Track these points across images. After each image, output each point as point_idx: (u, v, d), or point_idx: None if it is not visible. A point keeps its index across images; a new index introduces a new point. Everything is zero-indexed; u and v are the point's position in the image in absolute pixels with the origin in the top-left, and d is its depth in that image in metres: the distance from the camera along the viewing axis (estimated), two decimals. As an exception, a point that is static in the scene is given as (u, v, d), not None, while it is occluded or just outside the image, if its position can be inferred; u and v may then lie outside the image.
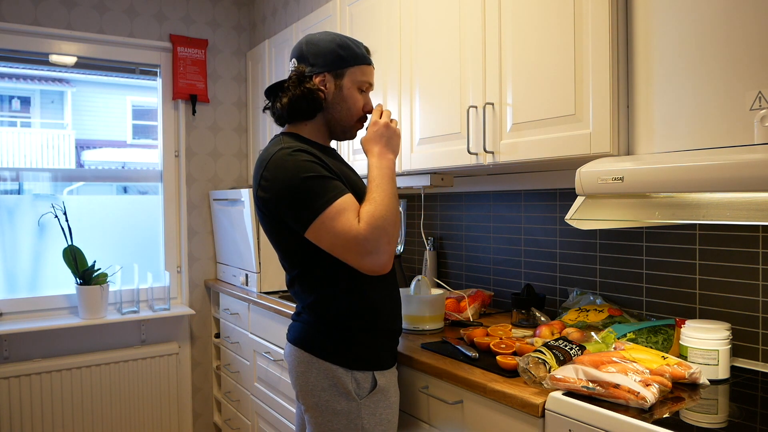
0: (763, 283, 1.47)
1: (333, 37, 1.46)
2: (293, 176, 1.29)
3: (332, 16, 2.44)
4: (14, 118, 4.33)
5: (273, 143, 1.42)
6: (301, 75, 1.43)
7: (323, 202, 1.27)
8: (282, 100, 1.45)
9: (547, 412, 1.22)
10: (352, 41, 1.47)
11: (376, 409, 1.40)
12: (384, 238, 1.27)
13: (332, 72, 1.44)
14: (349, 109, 1.47)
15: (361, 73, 1.46)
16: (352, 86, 1.45)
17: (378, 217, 1.27)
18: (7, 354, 2.83)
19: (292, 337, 1.48)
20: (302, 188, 1.29)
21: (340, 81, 1.44)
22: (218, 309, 3.29)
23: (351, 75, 1.45)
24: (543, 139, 1.53)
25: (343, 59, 1.44)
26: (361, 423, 1.38)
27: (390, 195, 1.33)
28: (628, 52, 1.39)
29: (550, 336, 1.61)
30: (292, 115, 1.46)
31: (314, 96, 1.43)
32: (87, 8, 3.04)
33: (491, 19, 1.68)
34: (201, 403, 3.39)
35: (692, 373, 1.27)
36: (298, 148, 1.34)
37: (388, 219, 1.28)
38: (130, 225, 3.27)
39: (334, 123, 1.48)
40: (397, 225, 1.32)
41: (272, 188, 1.33)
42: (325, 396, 1.39)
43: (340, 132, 1.50)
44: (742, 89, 1.16)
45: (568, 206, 1.95)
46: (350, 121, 1.48)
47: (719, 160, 1.10)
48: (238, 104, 3.50)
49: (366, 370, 1.40)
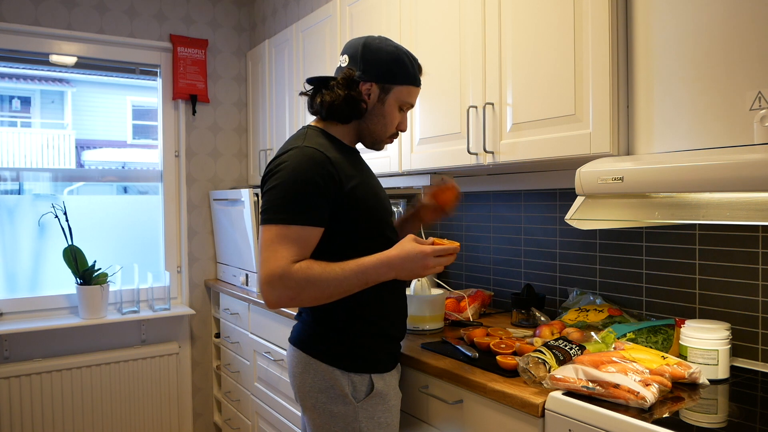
0: (763, 283, 1.47)
1: (392, 49, 1.42)
2: (292, 175, 1.28)
3: (332, 16, 2.44)
4: (14, 118, 4.33)
5: (298, 136, 1.41)
6: (350, 79, 1.40)
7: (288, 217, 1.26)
8: (324, 97, 1.42)
9: (547, 412, 1.23)
10: (408, 58, 1.44)
11: (374, 413, 1.38)
12: (291, 302, 1.27)
13: (379, 84, 1.42)
14: (385, 125, 1.46)
15: (407, 93, 1.45)
16: (394, 103, 1.44)
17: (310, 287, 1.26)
18: (7, 354, 2.83)
19: (292, 338, 1.48)
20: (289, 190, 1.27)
21: (385, 95, 1.42)
22: (218, 309, 3.29)
23: (397, 92, 1.43)
24: (543, 139, 1.53)
25: (394, 75, 1.41)
26: (359, 426, 1.36)
27: (342, 292, 1.30)
28: (628, 52, 1.39)
29: (550, 336, 1.61)
30: (330, 115, 1.43)
31: (357, 104, 1.41)
32: (87, 8, 3.04)
33: (491, 19, 1.68)
34: (201, 403, 3.39)
35: (692, 373, 1.27)
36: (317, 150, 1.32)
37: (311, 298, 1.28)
38: (130, 225, 3.27)
39: (367, 133, 1.47)
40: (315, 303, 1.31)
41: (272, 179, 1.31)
42: (322, 398, 1.37)
43: (369, 142, 1.49)
44: (742, 89, 1.16)
45: (568, 206, 1.95)
46: (383, 135, 1.48)
47: (719, 160, 1.10)
48: (238, 104, 3.50)
49: (363, 373, 1.39)
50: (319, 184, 1.29)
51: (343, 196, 1.33)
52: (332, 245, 1.34)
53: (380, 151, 2.16)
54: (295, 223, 1.26)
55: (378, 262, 1.30)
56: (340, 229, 1.35)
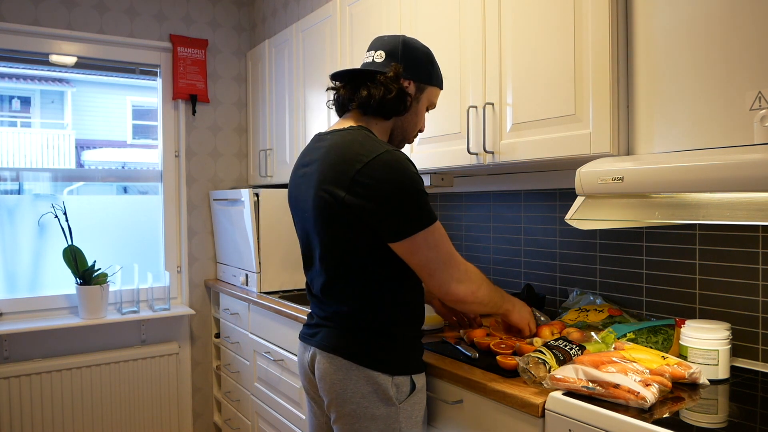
0: (763, 283, 1.47)
1: (426, 50, 1.48)
2: (410, 185, 1.27)
3: (332, 16, 2.44)
4: (14, 118, 4.34)
5: (361, 137, 1.35)
6: (399, 73, 1.40)
7: (432, 217, 1.30)
8: (372, 90, 1.39)
9: (547, 412, 1.22)
10: (436, 63, 1.50)
11: (412, 412, 1.40)
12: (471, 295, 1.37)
13: (417, 83, 1.45)
14: (416, 123, 1.50)
15: (435, 94, 1.51)
16: (425, 102, 1.49)
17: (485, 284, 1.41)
18: (7, 354, 2.83)
19: (324, 344, 1.41)
20: (415, 199, 1.28)
21: (420, 94, 1.46)
22: (218, 309, 3.29)
23: (429, 93, 1.48)
24: (543, 139, 1.53)
25: (431, 76, 1.46)
26: (399, 426, 1.37)
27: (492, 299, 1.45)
28: (628, 52, 1.39)
29: (550, 336, 1.61)
30: (380, 110, 1.41)
31: (405, 98, 1.42)
32: (87, 8, 3.04)
33: (491, 19, 1.68)
34: (201, 403, 3.39)
35: (692, 373, 1.27)
36: (400, 152, 1.32)
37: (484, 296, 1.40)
38: (130, 225, 3.26)
39: (400, 131, 1.48)
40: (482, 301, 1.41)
41: (376, 190, 1.26)
42: (365, 403, 1.36)
43: (398, 141, 1.51)
44: (742, 89, 1.16)
45: (568, 206, 1.95)
46: (412, 134, 1.52)
47: (719, 160, 1.10)
48: (238, 104, 3.50)
49: (405, 374, 1.39)
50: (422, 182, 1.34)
51: None
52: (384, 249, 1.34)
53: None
54: (435, 219, 1.32)
55: (510, 296, 1.55)
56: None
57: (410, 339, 1.43)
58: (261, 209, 2.74)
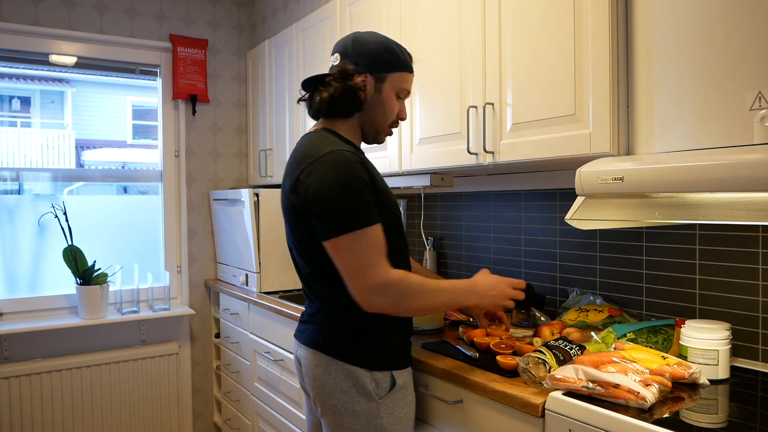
0: (763, 283, 1.47)
1: (380, 39, 1.46)
2: (343, 185, 1.28)
3: (332, 16, 2.44)
4: (14, 118, 4.34)
5: (317, 138, 1.40)
6: (345, 71, 1.42)
7: (360, 222, 1.27)
8: (322, 94, 1.43)
9: (547, 412, 1.22)
10: (397, 46, 1.47)
11: (395, 408, 1.40)
12: (392, 308, 1.31)
13: (374, 74, 1.44)
14: (384, 114, 1.47)
15: (402, 79, 1.47)
16: (391, 91, 1.46)
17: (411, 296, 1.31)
18: (7, 354, 2.83)
19: (309, 340, 1.46)
20: (346, 200, 1.27)
21: (381, 84, 1.45)
22: (218, 309, 3.29)
23: (392, 80, 1.45)
24: (543, 139, 1.53)
25: (387, 63, 1.44)
26: (381, 423, 1.38)
27: (433, 307, 1.37)
28: (628, 52, 1.39)
29: (550, 336, 1.61)
30: (331, 111, 1.44)
31: (355, 94, 1.42)
32: (87, 8, 3.04)
33: (491, 18, 1.68)
34: (201, 403, 3.39)
35: (692, 373, 1.27)
36: (349, 151, 1.33)
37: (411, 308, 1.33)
38: (130, 225, 3.26)
39: (369, 125, 1.48)
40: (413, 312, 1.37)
41: (311, 189, 1.30)
42: (345, 398, 1.38)
43: (372, 135, 1.50)
44: (741, 89, 1.16)
45: (568, 206, 1.95)
46: (384, 125, 1.49)
47: (719, 160, 1.10)
48: (238, 104, 3.50)
49: (385, 369, 1.40)
50: (366, 181, 1.32)
51: (374, 194, 1.35)
52: None
53: (381, 152, 2.17)
54: (366, 225, 1.28)
55: (467, 285, 1.40)
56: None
57: (391, 335, 1.43)
58: (261, 209, 2.75)
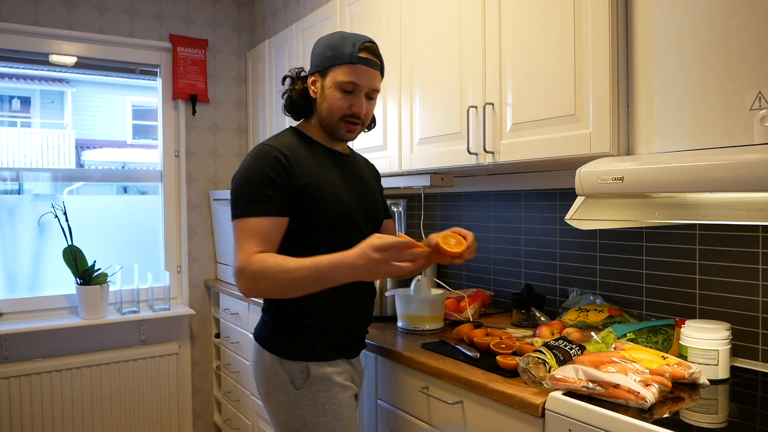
0: (763, 283, 1.47)
1: (329, 36, 1.48)
2: (241, 176, 1.38)
3: (332, 16, 2.44)
4: (14, 118, 4.34)
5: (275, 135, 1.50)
6: (298, 74, 1.52)
7: (245, 212, 1.34)
8: (285, 100, 1.53)
9: (547, 412, 1.22)
10: (343, 40, 1.44)
11: (316, 400, 1.39)
12: (250, 292, 1.33)
13: (320, 72, 1.47)
14: (329, 109, 1.45)
15: (342, 73, 1.42)
16: (332, 86, 1.43)
17: (263, 278, 1.29)
18: (7, 354, 2.82)
19: (254, 331, 1.55)
20: (240, 188, 1.36)
21: (324, 81, 1.46)
22: (218, 309, 3.29)
23: (332, 75, 1.44)
24: (543, 139, 1.53)
25: (327, 59, 1.45)
26: (302, 414, 1.39)
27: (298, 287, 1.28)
28: (628, 52, 1.39)
29: (550, 336, 1.61)
30: (290, 113, 1.54)
31: (305, 95, 1.50)
32: (87, 8, 3.04)
33: (491, 18, 1.68)
34: (201, 403, 3.39)
35: (692, 373, 1.27)
36: (276, 151, 1.39)
37: (265, 290, 1.33)
38: (130, 225, 3.26)
39: (323, 123, 1.49)
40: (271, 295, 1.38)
41: (234, 177, 1.41)
42: (270, 386, 1.43)
43: (329, 132, 1.49)
44: (741, 89, 1.16)
45: (568, 206, 1.95)
46: (332, 121, 1.46)
47: (719, 160, 1.10)
48: (238, 104, 3.50)
49: (299, 360, 1.41)
50: (270, 176, 1.35)
51: (296, 190, 1.37)
52: (294, 240, 1.40)
53: (381, 152, 2.17)
54: (251, 215, 1.33)
55: (335, 261, 1.26)
56: (296, 224, 1.40)
57: (307, 328, 1.43)
58: (261, 209, 2.74)
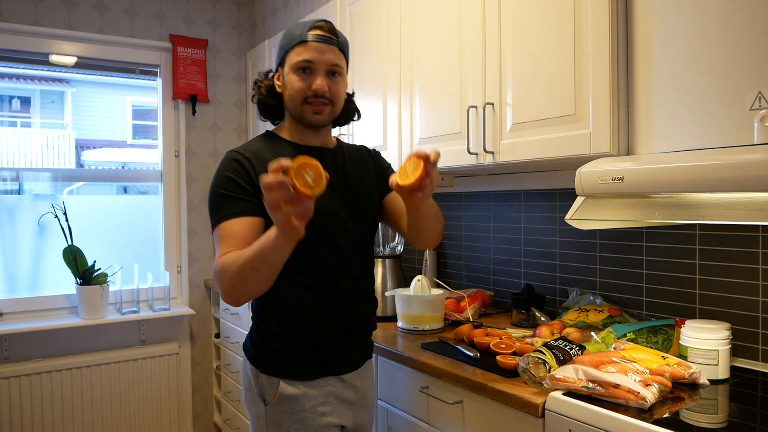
0: (763, 283, 1.47)
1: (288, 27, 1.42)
2: (212, 186, 1.36)
3: (332, 16, 2.44)
4: (14, 118, 4.34)
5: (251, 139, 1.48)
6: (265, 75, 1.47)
7: (215, 219, 1.32)
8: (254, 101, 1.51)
9: (547, 412, 1.22)
10: (298, 25, 1.39)
11: (281, 420, 1.33)
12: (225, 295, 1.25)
13: (280, 64, 1.42)
14: (290, 95, 1.38)
15: (295, 54, 1.36)
16: (290, 71, 1.38)
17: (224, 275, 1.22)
18: (7, 354, 2.83)
19: None
20: (210, 197, 1.34)
21: (283, 70, 1.40)
22: (218, 309, 3.29)
23: (288, 60, 1.38)
24: (543, 139, 1.53)
25: (282, 48, 1.41)
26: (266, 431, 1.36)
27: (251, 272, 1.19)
28: (628, 52, 1.39)
29: (550, 336, 1.61)
30: (264, 115, 1.50)
31: (272, 93, 1.45)
32: (87, 8, 3.04)
33: (491, 19, 1.68)
34: (201, 403, 3.38)
35: (692, 373, 1.27)
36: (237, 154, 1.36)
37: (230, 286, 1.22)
38: (130, 225, 3.26)
39: (292, 113, 1.42)
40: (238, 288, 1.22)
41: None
42: (247, 396, 1.42)
43: (297, 121, 1.42)
44: (742, 89, 1.16)
45: (568, 206, 1.95)
46: (296, 106, 1.38)
47: (719, 160, 1.10)
48: (238, 104, 3.50)
49: (273, 375, 1.35)
50: (231, 178, 1.32)
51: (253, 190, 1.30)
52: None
53: (381, 152, 2.16)
54: (221, 221, 1.30)
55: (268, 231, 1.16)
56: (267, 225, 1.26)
57: (283, 341, 1.35)
58: (261, 209, 2.74)
